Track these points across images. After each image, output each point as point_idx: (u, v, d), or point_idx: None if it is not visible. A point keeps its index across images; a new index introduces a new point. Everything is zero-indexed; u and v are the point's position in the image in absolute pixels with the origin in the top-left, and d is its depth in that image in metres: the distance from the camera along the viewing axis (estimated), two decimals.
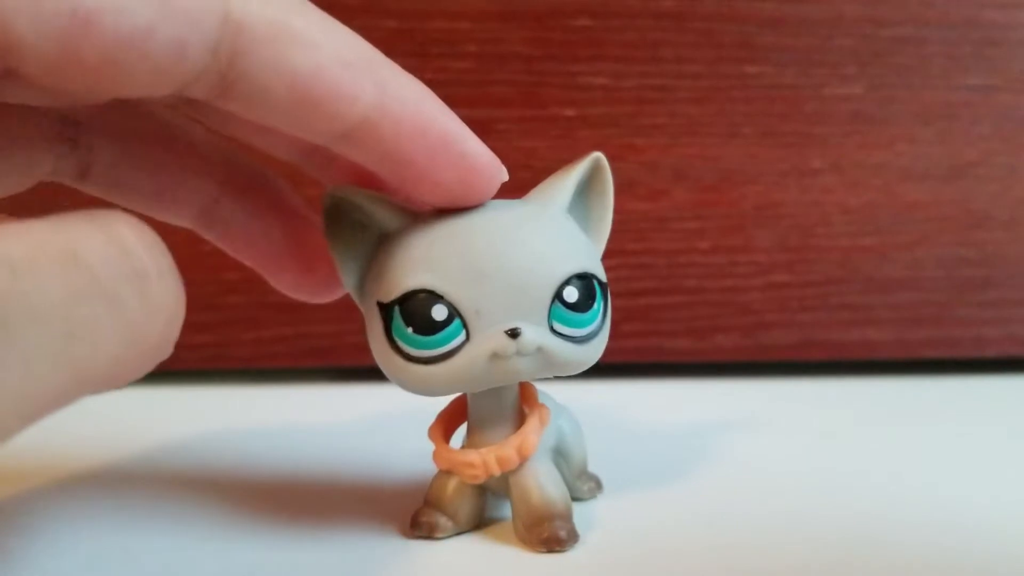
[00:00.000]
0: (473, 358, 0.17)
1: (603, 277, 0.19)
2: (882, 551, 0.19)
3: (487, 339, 0.17)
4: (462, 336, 0.17)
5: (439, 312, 0.17)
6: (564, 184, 0.19)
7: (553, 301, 0.18)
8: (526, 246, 0.18)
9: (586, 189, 0.20)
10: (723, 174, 0.34)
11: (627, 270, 0.35)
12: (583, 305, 0.18)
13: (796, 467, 0.25)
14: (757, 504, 0.22)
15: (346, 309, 0.35)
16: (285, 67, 0.15)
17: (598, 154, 0.19)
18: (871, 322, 0.35)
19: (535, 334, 0.17)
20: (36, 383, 0.12)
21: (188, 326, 0.38)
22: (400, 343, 0.18)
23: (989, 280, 0.35)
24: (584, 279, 0.18)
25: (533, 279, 0.17)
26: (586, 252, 0.19)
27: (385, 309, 0.18)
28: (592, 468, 0.22)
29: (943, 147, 0.34)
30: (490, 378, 0.18)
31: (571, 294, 0.18)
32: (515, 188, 0.19)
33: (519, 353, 0.17)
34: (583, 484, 0.22)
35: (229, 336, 0.35)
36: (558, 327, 0.18)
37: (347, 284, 0.19)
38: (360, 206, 0.19)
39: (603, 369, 0.18)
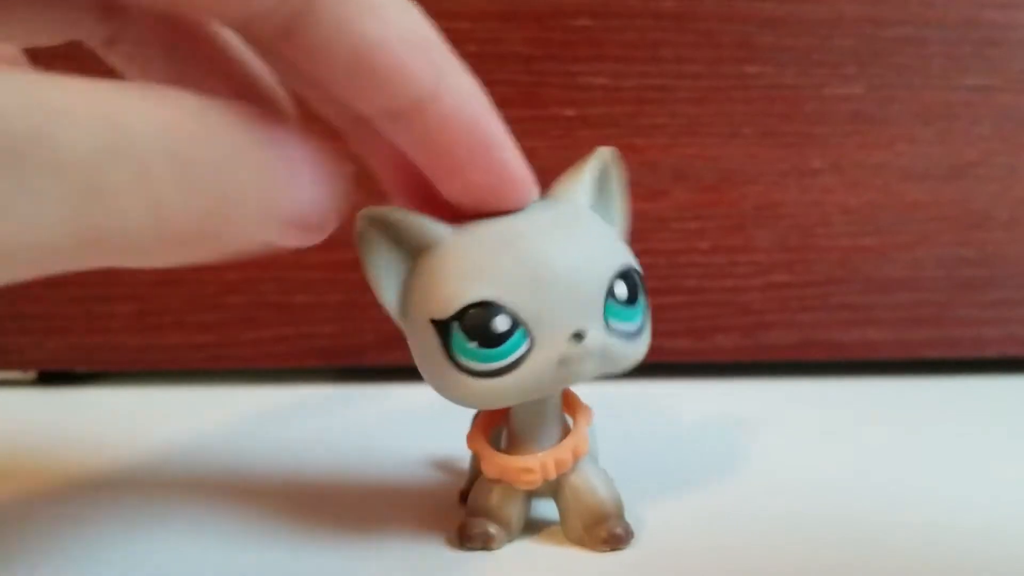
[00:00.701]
0: (541, 365, 0.17)
1: (640, 268, 0.19)
2: (883, 551, 0.19)
3: (553, 345, 0.17)
4: (526, 344, 0.17)
5: (502, 323, 0.17)
6: (582, 182, 0.19)
7: (607, 298, 0.18)
8: (576, 246, 0.18)
9: (604, 182, 0.20)
10: (723, 174, 0.34)
11: None
12: (632, 299, 0.18)
13: (796, 467, 0.25)
14: (757, 504, 0.22)
15: (346, 309, 0.35)
16: (352, 31, 0.15)
17: (607, 149, 0.19)
18: (871, 322, 0.35)
19: (598, 334, 0.17)
20: (44, 231, 0.12)
21: (188, 326, 0.38)
22: (462, 359, 0.17)
23: (989, 280, 0.35)
24: (628, 273, 0.18)
25: (587, 278, 0.17)
26: (622, 246, 0.19)
27: (441, 326, 0.17)
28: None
29: (943, 147, 0.34)
30: (558, 383, 0.18)
31: (621, 290, 0.18)
32: None
33: (586, 355, 0.17)
34: None
35: (229, 336, 0.35)
36: (613, 324, 0.18)
37: (387, 304, 0.19)
38: (395, 223, 0.18)
39: None
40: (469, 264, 0.17)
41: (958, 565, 0.18)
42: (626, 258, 0.18)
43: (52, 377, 0.37)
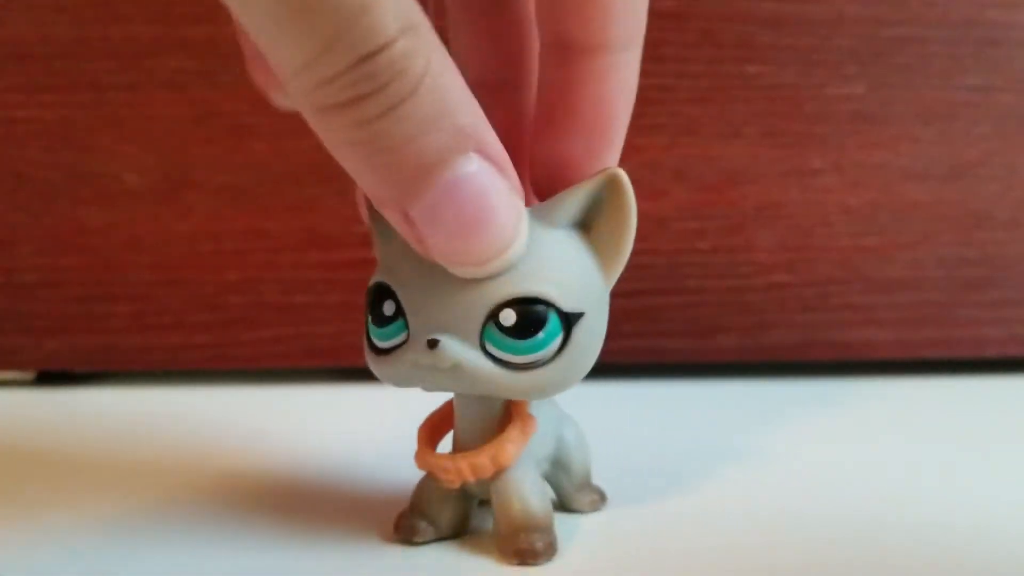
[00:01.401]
0: (402, 360, 0.17)
1: (575, 307, 0.17)
2: (883, 551, 0.19)
3: (414, 345, 0.17)
4: (403, 335, 0.18)
5: (388, 307, 0.18)
6: (571, 198, 0.18)
7: (487, 321, 0.17)
8: None
9: (603, 207, 0.18)
10: (724, 174, 0.34)
11: (627, 270, 0.34)
12: (522, 332, 0.17)
13: (796, 467, 0.25)
14: (757, 504, 0.22)
15: (346, 309, 0.35)
16: None
17: (616, 170, 0.18)
18: (872, 322, 0.35)
19: (456, 350, 0.17)
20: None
21: (188, 326, 0.38)
22: (368, 326, 0.18)
23: (990, 280, 0.35)
24: (534, 304, 0.17)
25: (468, 295, 0.17)
26: (562, 275, 0.17)
27: (366, 294, 0.18)
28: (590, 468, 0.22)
29: (944, 147, 0.34)
30: (416, 383, 0.18)
31: (507, 317, 0.17)
32: None
33: (434, 366, 0.17)
34: (584, 497, 0.21)
35: (229, 336, 0.35)
36: (491, 349, 0.17)
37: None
38: None
39: (603, 369, 0.18)
40: (400, 247, 0.18)
41: (958, 565, 0.18)
42: (541, 287, 0.17)
43: (51, 377, 0.37)
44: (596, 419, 0.22)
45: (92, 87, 0.34)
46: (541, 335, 0.17)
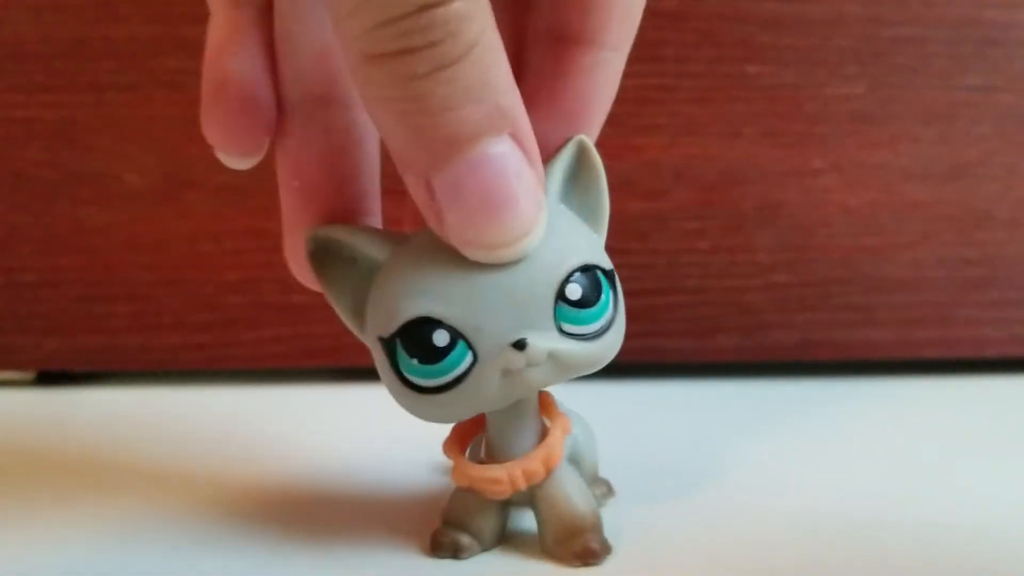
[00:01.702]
0: (485, 378, 0.17)
1: (607, 265, 0.18)
2: (883, 551, 0.19)
3: (495, 356, 0.16)
4: (469, 358, 0.17)
5: (440, 338, 0.16)
6: (553, 173, 0.18)
7: (557, 302, 0.17)
8: None
9: (576, 174, 0.19)
10: (724, 174, 0.34)
11: (627, 270, 0.34)
12: (590, 300, 0.17)
13: (796, 467, 0.25)
14: (757, 505, 0.22)
15: None
16: None
17: (580, 136, 0.18)
18: (872, 322, 0.35)
19: (543, 341, 0.16)
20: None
21: (188, 326, 0.38)
22: (408, 376, 0.17)
23: (990, 280, 0.35)
24: (587, 271, 0.17)
25: (530, 283, 0.17)
26: (586, 241, 0.18)
27: (387, 344, 0.17)
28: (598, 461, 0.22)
29: (944, 147, 0.34)
30: (508, 395, 0.17)
31: (574, 291, 0.17)
32: None
33: (530, 364, 0.16)
34: (595, 490, 0.21)
35: (229, 336, 0.35)
36: (567, 327, 0.17)
37: (347, 322, 0.19)
38: (343, 242, 0.18)
39: (603, 369, 0.18)
40: (408, 279, 0.17)
41: (958, 565, 0.18)
42: (586, 255, 0.17)
43: (51, 377, 0.36)
44: (596, 419, 0.22)
45: (92, 87, 0.34)
46: (603, 297, 0.17)
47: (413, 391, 0.17)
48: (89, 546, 0.20)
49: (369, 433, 0.28)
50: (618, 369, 0.35)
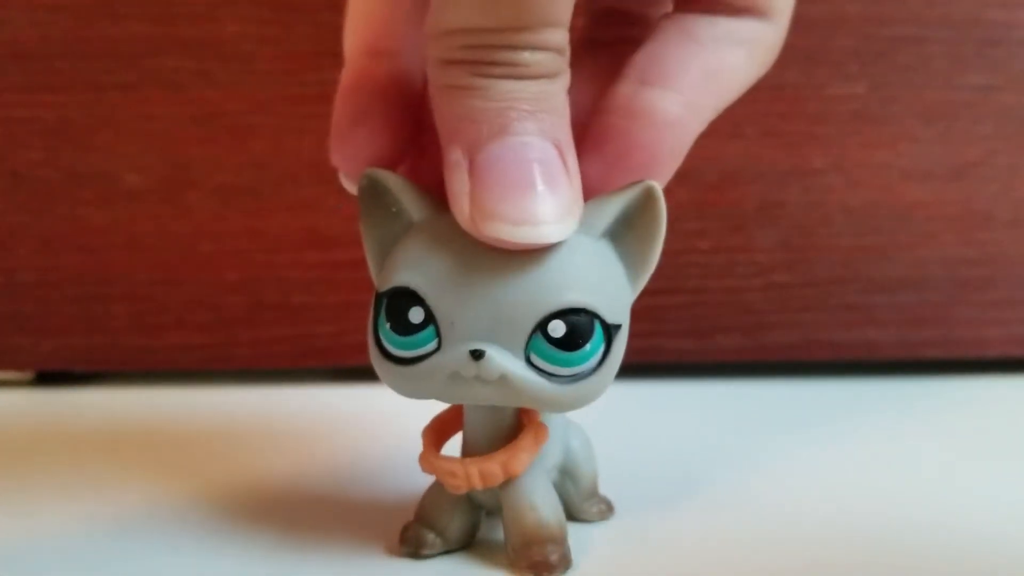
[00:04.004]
0: (437, 370, 0.17)
1: (614, 319, 0.17)
2: (884, 551, 0.19)
3: (452, 355, 0.16)
4: (433, 344, 0.17)
5: (415, 315, 0.17)
6: (605, 208, 0.17)
7: (534, 332, 0.16)
8: (518, 267, 0.16)
9: (635, 220, 0.18)
10: (724, 174, 0.34)
11: None
12: (571, 343, 0.16)
13: (797, 467, 0.25)
14: (757, 504, 0.22)
15: (346, 309, 0.35)
16: None
17: (651, 182, 0.17)
18: (872, 322, 0.35)
19: (502, 361, 0.16)
20: None
21: (187, 326, 0.38)
22: (381, 336, 0.17)
23: (991, 280, 0.35)
24: (583, 314, 0.16)
25: (515, 304, 0.16)
26: (607, 286, 0.17)
27: (377, 299, 0.17)
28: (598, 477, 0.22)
29: (945, 147, 0.34)
30: (453, 395, 0.17)
31: (557, 328, 0.16)
32: None
33: (479, 378, 0.16)
34: (592, 506, 0.21)
35: (229, 336, 0.35)
36: (536, 361, 0.16)
37: (370, 262, 0.19)
38: (390, 191, 0.18)
39: None
40: (418, 250, 0.17)
41: (959, 565, 0.18)
42: (587, 297, 0.16)
43: (50, 377, 0.36)
44: (595, 419, 0.22)
45: (92, 87, 0.34)
46: (588, 347, 0.17)
47: (380, 351, 0.17)
48: (88, 546, 0.20)
49: (369, 433, 0.28)
50: (618, 369, 0.36)
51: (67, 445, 0.28)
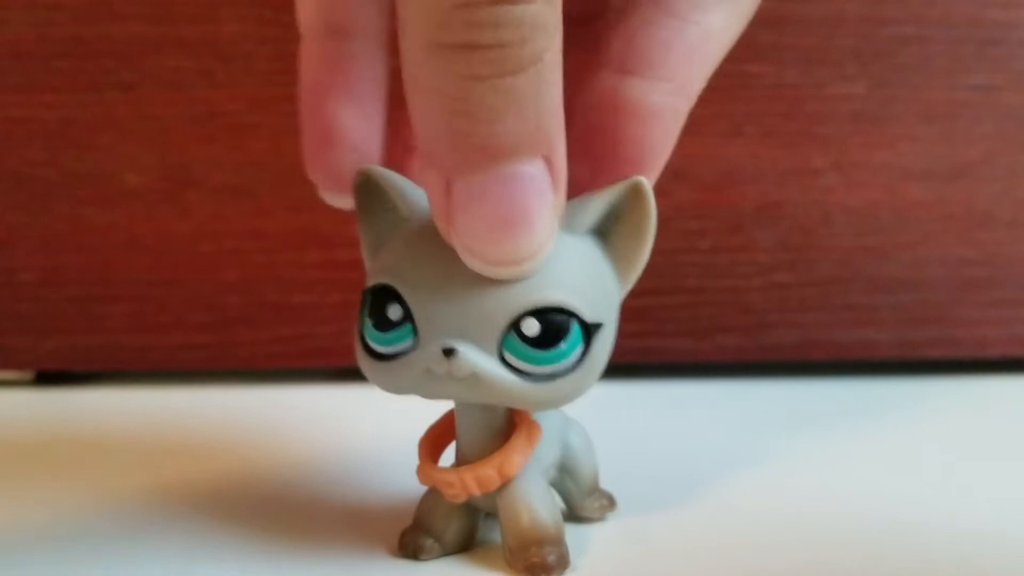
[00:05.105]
0: (411, 366, 0.17)
1: (594, 318, 0.17)
2: (883, 551, 0.19)
3: (427, 352, 0.16)
4: (410, 341, 0.17)
5: (394, 312, 0.17)
6: (590, 205, 0.17)
7: (508, 330, 0.16)
8: None
9: (624, 216, 0.18)
10: (724, 174, 0.34)
11: None
12: (544, 342, 0.16)
13: (797, 467, 0.25)
14: (757, 504, 0.22)
15: (346, 309, 0.35)
16: None
17: (640, 178, 0.17)
18: (873, 322, 0.35)
19: (474, 359, 0.16)
20: None
21: (187, 326, 0.38)
22: (363, 331, 0.17)
23: (992, 280, 0.35)
24: (557, 314, 0.16)
25: (489, 302, 0.16)
26: (582, 284, 0.17)
27: (364, 294, 0.18)
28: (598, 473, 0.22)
29: (945, 146, 0.34)
30: (426, 392, 0.17)
31: (530, 327, 0.16)
32: None
33: (451, 375, 0.16)
34: (593, 503, 0.21)
35: (229, 336, 0.35)
36: (510, 359, 0.16)
37: (365, 255, 0.19)
38: (384, 189, 0.18)
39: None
40: (402, 246, 0.17)
41: (959, 566, 0.18)
42: (565, 296, 0.16)
43: (50, 377, 0.36)
44: (595, 420, 0.22)
45: (92, 87, 0.34)
46: (563, 346, 0.16)
47: (363, 347, 0.17)
48: (87, 546, 0.20)
49: (368, 433, 0.28)
50: (618, 369, 0.35)
51: (67, 445, 0.28)
